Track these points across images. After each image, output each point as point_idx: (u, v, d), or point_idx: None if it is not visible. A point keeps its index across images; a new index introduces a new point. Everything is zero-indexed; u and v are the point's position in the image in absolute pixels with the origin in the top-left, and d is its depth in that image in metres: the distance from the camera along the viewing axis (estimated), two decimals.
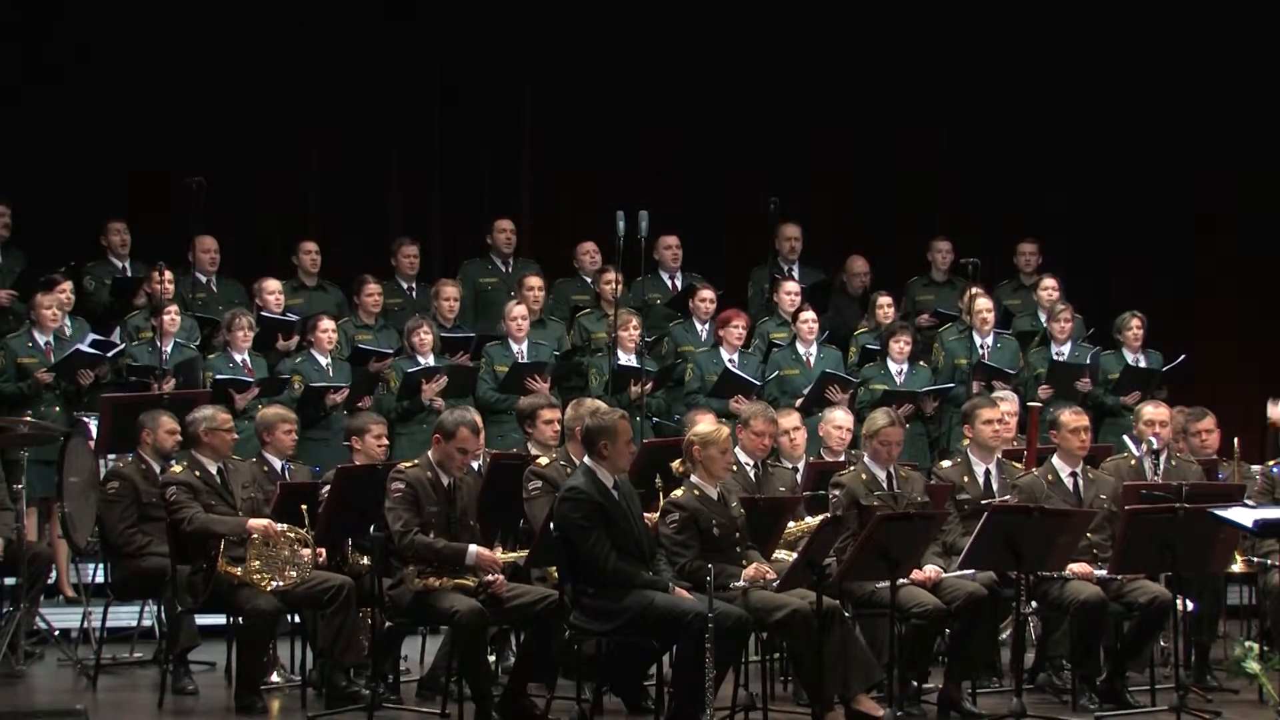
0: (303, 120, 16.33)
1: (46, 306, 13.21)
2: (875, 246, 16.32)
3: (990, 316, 14.71)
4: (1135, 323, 14.76)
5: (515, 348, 14.14)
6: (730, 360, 14.22)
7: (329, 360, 13.83)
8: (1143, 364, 14.60)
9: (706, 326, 14.66)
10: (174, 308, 13.50)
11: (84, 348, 13.07)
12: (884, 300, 15.05)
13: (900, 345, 14.38)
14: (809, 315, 14.53)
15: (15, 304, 13.66)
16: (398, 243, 15.18)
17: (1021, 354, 14.85)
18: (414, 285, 15.12)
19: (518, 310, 14.22)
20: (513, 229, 15.39)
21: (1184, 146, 17.28)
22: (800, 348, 14.48)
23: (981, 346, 14.56)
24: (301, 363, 13.81)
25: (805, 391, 13.84)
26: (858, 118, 17.46)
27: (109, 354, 13.24)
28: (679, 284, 15.28)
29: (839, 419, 12.09)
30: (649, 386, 13.83)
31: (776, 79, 17.18)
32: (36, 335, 13.21)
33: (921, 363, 14.58)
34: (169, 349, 13.33)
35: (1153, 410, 11.72)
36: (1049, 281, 15.27)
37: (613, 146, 17.06)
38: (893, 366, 14.42)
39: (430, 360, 13.82)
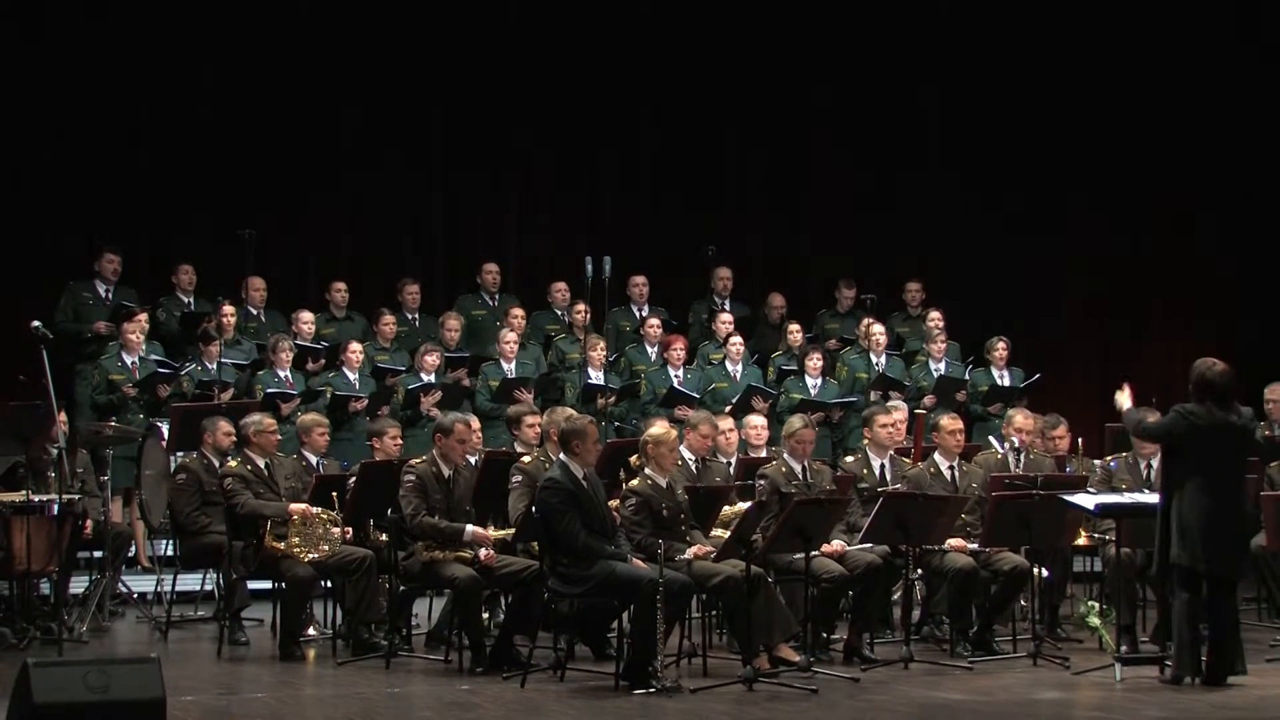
0: (337, 186, 16.24)
1: (132, 333, 13.20)
2: (792, 284, 16.34)
3: (883, 340, 14.78)
4: (1001, 345, 14.81)
5: (506, 366, 14.14)
6: (676, 376, 14.26)
7: (356, 375, 13.82)
8: (1006, 380, 14.64)
9: (655, 349, 14.68)
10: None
11: (160, 368, 13.07)
12: (794, 328, 15.14)
13: (814, 362, 14.43)
14: (737, 340, 14.65)
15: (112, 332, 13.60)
16: (402, 282, 15.12)
17: (906, 371, 14.87)
18: (417, 316, 15.06)
19: (510, 336, 14.24)
20: (498, 270, 15.37)
21: (1047, 198, 17.22)
22: (729, 366, 14.56)
23: (876, 365, 14.61)
24: (334, 377, 13.80)
25: (734, 400, 13.86)
26: (784, 182, 17.42)
27: (181, 372, 13.23)
28: (645, 315, 15.26)
29: (755, 422, 12.11)
30: (613, 399, 13.87)
31: (716, 154, 17.17)
32: (125, 356, 13.18)
33: (829, 379, 14.61)
34: (215, 367, 13.27)
35: (1022, 420, 11.68)
36: (934, 314, 15.21)
37: (584, 204, 17.02)
38: (809, 380, 14.43)
39: (432, 378, 13.80)
